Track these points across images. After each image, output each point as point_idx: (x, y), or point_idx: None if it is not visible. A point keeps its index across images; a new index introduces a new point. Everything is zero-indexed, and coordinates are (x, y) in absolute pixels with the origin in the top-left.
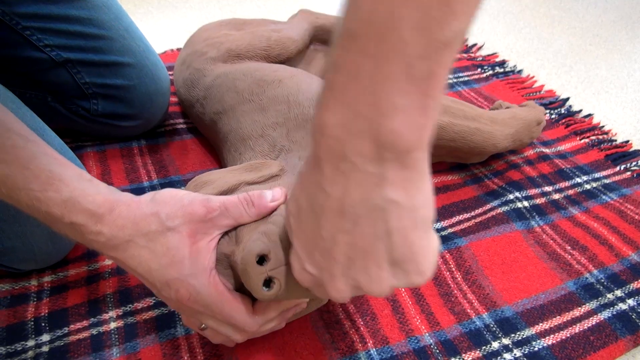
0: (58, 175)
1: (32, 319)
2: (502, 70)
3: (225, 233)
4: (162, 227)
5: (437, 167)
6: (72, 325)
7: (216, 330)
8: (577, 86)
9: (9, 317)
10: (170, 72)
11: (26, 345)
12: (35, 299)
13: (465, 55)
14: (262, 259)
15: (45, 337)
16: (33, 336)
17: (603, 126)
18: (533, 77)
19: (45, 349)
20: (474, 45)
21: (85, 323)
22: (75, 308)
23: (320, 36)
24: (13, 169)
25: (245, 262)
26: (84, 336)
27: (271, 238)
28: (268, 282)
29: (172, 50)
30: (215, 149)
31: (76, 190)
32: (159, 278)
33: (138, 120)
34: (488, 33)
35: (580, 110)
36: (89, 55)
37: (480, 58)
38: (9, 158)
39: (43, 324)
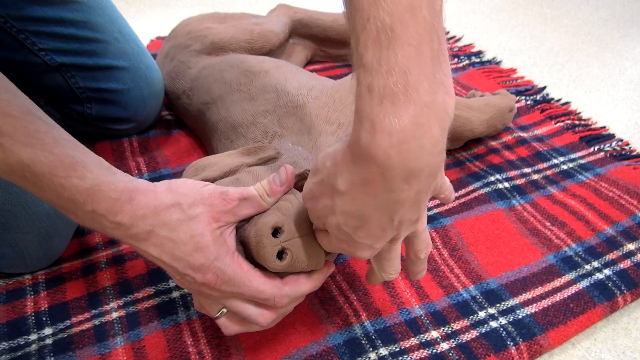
0: (81, 161)
1: (33, 314)
2: (478, 60)
3: None
4: (185, 216)
5: None
6: (74, 318)
7: (241, 312)
8: (569, 84)
9: (8, 313)
10: None
11: (29, 339)
12: (32, 293)
13: None
14: (275, 232)
15: (48, 331)
16: (35, 330)
17: (580, 112)
18: (515, 69)
19: (49, 341)
20: (452, 37)
21: (87, 315)
22: (76, 301)
23: (299, 30)
24: (39, 154)
25: (261, 234)
26: (87, 327)
27: (284, 212)
28: (280, 254)
29: (158, 37)
30: (202, 140)
31: (98, 177)
32: (183, 265)
33: (132, 123)
34: (481, 31)
35: (555, 99)
36: (83, 59)
37: (457, 49)
38: (34, 142)
39: (44, 318)
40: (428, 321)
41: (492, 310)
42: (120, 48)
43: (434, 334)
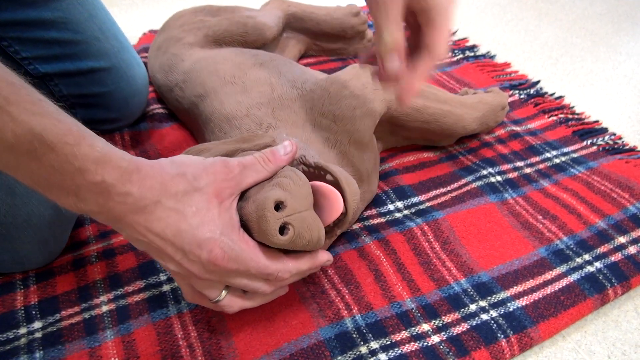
0: (84, 130)
1: (22, 308)
2: (472, 54)
3: None
4: (190, 188)
5: (414, 146)
6: (63, 312)
7: (247, 286)
8: (563, 78)
9: None
10: (145, 55)
11: (18, 332)
12: (21, 287)
13: None
14: (277, 207)
15: (37, 324)
16: (25, 324)
17: (573, 106)
18: (509, 63)
19: (38, 335)
20: None
21: (76, 308)
22: (66, 295)
23: (293, 24)
24: (47, 122)
25: (263, 207)
26: (77, 320)
27: (284, 189)
28: (282, 230)
29: (150, 31)
30: (194, 132)
31: (106, 147)
32: (189, 240)
33: (117, 123)
34: (475, 25)
35: (548, 93)
36: (65, 65)
37: (451, 43)
38: (41, 111)
39: (34, 312)
40: (419, 314)
41: (483, 303)
42: (100, 48)
43: (425, 327)
